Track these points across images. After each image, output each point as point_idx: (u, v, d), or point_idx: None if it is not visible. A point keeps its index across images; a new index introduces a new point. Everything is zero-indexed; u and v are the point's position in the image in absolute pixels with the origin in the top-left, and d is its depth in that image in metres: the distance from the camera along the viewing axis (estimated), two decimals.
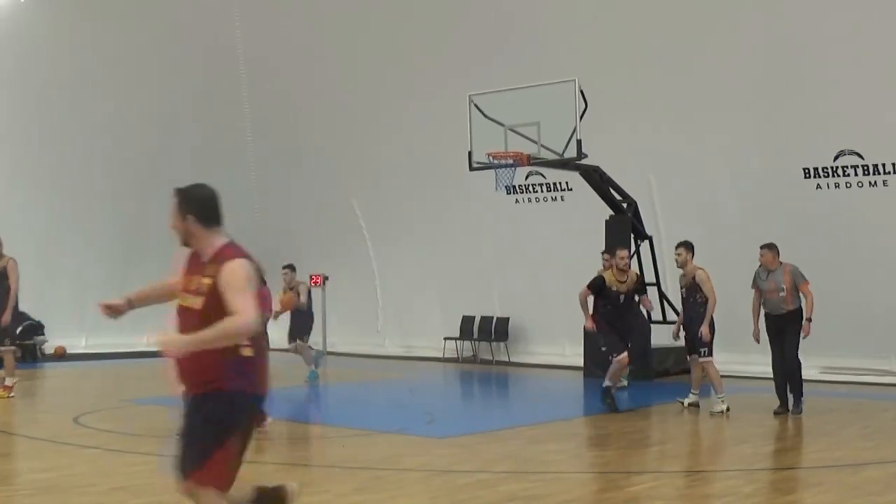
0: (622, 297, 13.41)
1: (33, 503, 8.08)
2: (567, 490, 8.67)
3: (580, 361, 18.28)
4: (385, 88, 22.62)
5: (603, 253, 16.16)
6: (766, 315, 13.04)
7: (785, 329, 12.90)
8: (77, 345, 23.74)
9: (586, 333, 15.37)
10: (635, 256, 17.43)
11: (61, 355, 23.23)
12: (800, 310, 12.89)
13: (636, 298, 13.87)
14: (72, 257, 23.68)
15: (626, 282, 13.47)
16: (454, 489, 8.50)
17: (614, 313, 13.48)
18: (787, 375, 12.97)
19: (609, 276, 13.51)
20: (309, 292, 17.45)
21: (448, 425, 12.77)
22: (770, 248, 13.03)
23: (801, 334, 12.92)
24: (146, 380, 17.14)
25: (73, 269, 23.70)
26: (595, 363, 17.79)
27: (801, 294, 12.90)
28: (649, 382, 16.97)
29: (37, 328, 22.97)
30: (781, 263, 12.97)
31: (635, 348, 14.18)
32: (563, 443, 11.31)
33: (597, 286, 13.47)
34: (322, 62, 23.27)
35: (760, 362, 14.70)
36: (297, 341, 17.33)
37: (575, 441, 11.83)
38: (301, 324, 17.48)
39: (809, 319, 12.81)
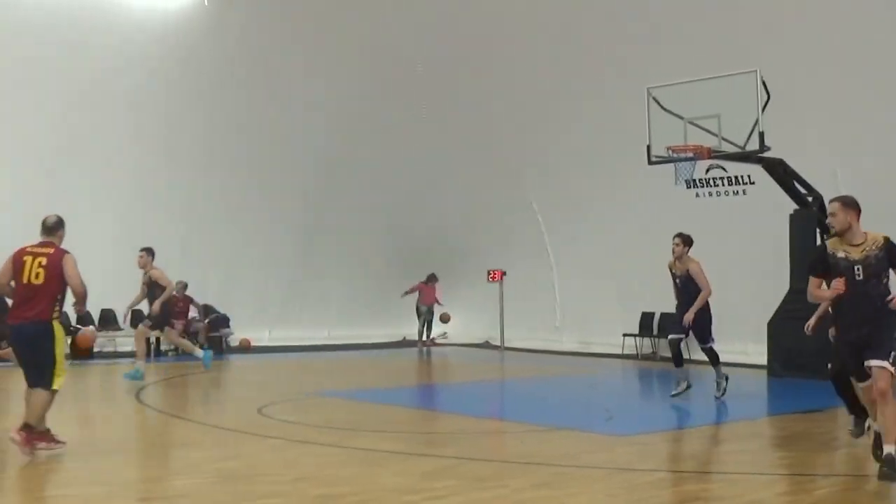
0: (858, 269, 8.43)
1: (219, 491, 8.30)
2: (750, 491, 8.41)
3: (764, 360, 17.80)
4: (563, 84, 22.48)
5: (674, 237, 14.38)
6: None
7: None
8: (261, 337, 24.45)
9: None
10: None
11: (246, 348, 23.97)
12: None
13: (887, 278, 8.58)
14: (257, 253, 24.33)
15: (861, 245, 8.49)
16: (634, 487, 8.36)
17: (850, 303, 8.51)
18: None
19: (833, 242, 8.74)
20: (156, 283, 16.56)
21: (628, 423, 12.59)
22: None
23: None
24: (327, 372, 17.53)
25: (257, 264, 24.37)
26: (780, 362, 17.24)
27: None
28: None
29: (223, 321, 23.75)
30: None
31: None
32: (747, 443, 11.00)
33: (821, 264, 8.75)
34: (500, 61, 23.29)
35: None
36: (164, 332, 17.30)
37: (758, 441, 11.49)
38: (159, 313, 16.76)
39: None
